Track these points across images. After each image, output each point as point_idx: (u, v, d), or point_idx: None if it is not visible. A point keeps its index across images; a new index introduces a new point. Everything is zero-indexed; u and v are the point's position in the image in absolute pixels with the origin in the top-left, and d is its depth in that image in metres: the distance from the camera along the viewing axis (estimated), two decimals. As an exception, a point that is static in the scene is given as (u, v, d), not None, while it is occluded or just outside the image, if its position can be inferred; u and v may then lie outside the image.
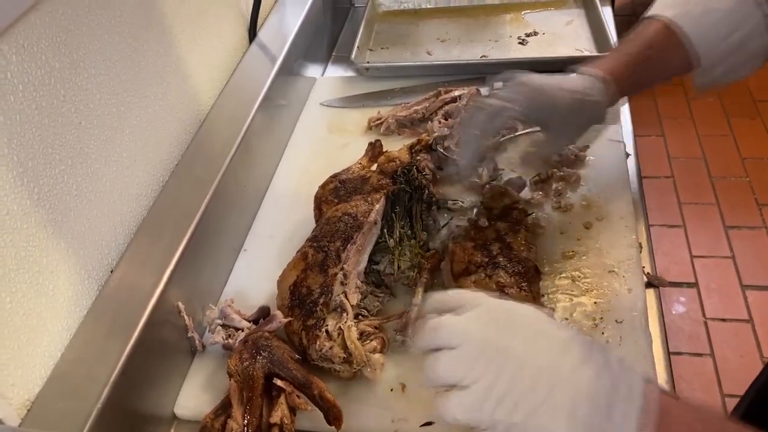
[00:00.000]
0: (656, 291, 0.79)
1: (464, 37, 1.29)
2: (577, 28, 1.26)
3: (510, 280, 0.73)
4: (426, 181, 0.89)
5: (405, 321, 0.75)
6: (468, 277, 0.75)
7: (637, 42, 0.81)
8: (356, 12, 1.48)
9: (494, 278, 0.73)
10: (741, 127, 2.61)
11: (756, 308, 1.97)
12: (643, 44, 0.80)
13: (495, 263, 0.75)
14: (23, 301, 0.61)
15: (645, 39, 0.81)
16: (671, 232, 2.24)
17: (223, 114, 0.97)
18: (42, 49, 0.63)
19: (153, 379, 0.71)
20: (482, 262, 0.75)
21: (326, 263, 0.74)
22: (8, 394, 0.59)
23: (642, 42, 0.81)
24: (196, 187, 0.84)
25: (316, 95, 1.20)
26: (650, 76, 0.83)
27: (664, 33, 0.79)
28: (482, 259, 0.76)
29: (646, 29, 0.81)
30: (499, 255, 0.76)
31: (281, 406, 0.64)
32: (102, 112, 0.73)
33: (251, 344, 0.68)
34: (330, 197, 0.86)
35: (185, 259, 0.76)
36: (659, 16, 0.80)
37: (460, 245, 0.79)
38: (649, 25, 0.81)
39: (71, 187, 0.68)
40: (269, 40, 1.13)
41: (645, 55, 0.80)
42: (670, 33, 0.79)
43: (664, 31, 0.79)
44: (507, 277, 0.73)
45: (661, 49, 0.80)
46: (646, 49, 0.80)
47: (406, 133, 1.07)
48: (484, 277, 0.74)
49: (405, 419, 0.68)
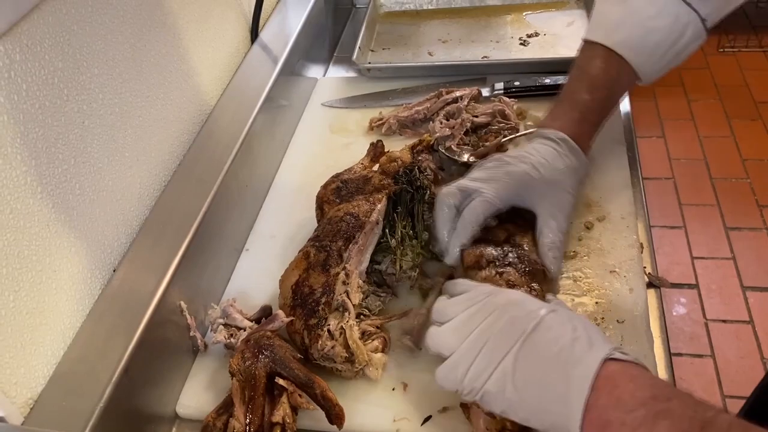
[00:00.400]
0: (657, 291, 0.79)
1: (465, 38, 1.29)
2: (579, 29, 1.26)
3: (520, 280, 0.72)
4: (428, 182, 0.89)
5: (414, 326, 0.75)
6: (479, 272, 0.74)
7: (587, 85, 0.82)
8: (358, 13, 1.48)
9: (504, 276, 0.72)
10: (742, 129, 2.61)
11: (757, 309, 1.97)
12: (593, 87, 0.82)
13: (506, 261, 0.75)
14: (26, 299, 0.61)
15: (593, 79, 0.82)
16: (672, 234, 2.24)
17: (225, 114, 0.97)
18: (45, 48, 0.63)
19: (155, 378, 0.71)
20: (493, 258, 0.75)
21: (328, 263, 0.75)
22: (11, 393, 0.59)
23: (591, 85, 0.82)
24: (198, 187, 0.84)
25: (317, 96, 1.20)
26: (605, 111, 0.84)
27: (610, 61, 0.80)
28: (494, 255, 0.75)
29: (592, 64, 0.82)
30: (510, 253, 0.75)
31: (283, 406, 0.65)
32: (105, 112, 0.73)
33: (253, 343, 0.68)
34: (332, 197, 0.86)
35: (187, 259, 0.76)
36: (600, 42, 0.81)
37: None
38: (593, 57, 0.82)
39: (74, 186, 0.68)
40: (271, 41, 1.13)
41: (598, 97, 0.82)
42: (617, 60, 0.80)
43: (610, 59, 0.80)
44: (517, 276, 0.73)
45: (611, 79, 0.81)
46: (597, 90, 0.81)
47: (408, 134, 1.07)
48: (495, 274, 0.73)
49: (407, 418, 0.68)
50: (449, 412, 0.68)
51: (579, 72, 0.84)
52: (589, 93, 0.82)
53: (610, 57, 0.80)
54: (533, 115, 1.05)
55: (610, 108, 0.85)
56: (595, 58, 0.82)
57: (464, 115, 1.00)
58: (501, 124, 1.02)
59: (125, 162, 0.77)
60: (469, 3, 1.39)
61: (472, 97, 1.05)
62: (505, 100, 1.04)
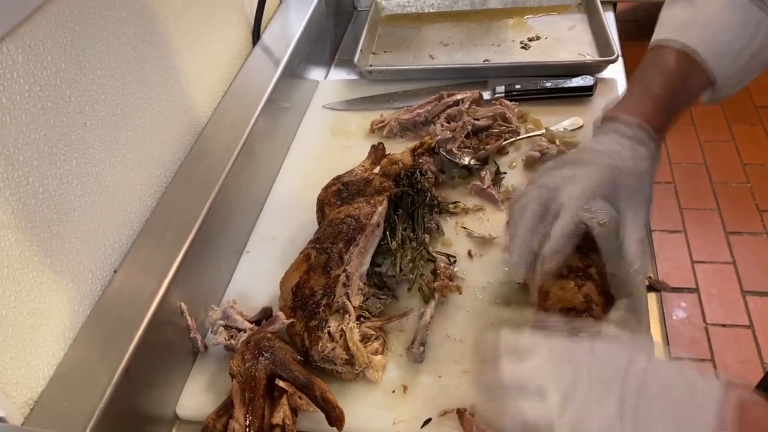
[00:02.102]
0: (658, 295, 0.79)
1: (467, 41, 1.30)
2: (580, 33, 1.26)
3: (598, 299, 0.66)
4: (428, 184, 0.89)
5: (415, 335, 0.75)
6: (557, 282, 0.68)
7: (659, 78, 0.76)
8: (359, 15, 1.49)
9: (583, 290, 0.67)
10: (742, 133, 2.61)
11: (757, 314, 1.97)
12: (666, 79, 0.75)
13: (588, 274, 0.69)
14: (27, 300, 0.61)
15: (665, 72, 0.76)
16: (672, 238, 2.24)
17: (227, 116, 0.97)
18: (48, 49, 0.64)
19: (155, 380, 0.71)
20: (576, 268, 0.69)
21: (329, 265, 0.75)
22: (12, 393, 0.60)
23: (664, 77, 0.75)
24: (199, 189, 0.84)
25: (319, 98, 1.20)
26: (677, 109, 0.78)
27: (681, 61, 0.75)
28: (578, 265, 0.69)
29: (662, 59, 0.76)
30: (593, 266, 0.70)
31: (283, 407, 0.65)
32: (107, 113, 0.73)
33: (253, 345, 0.68)
34: (333, 199, 0.86)
35: (188, 260, 0.76)
36: (670, 42, 0.76)
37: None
38: (663, 54, 0.76)
39: (75, 187, 0.68)
40: (273, 43, 1.13)
41: (671, 90, 0.75)
42: (688, 59, 0.75)
43: (681, 59, 0.75)
44: (596, 293, 0.67)
45: (684, 78, 0.75)
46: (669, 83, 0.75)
47: (409, 136, 1.07)
48: (573, 286, 0.67)
49: (406, 421, 0.68)
50: (449, 415, 0.68)
51: (649, 69, 0.78)
52: (662, 89, 0.75)
53: (681, 55, 0.75)
54: (534, 118, 1.05)
55: (682, 104, 0.78)
56: (664, 55, 0.76)
57: (465, 118, 1.00)
58: (502, 127, 1.02)
59: (127, 163, 0.77)
60: (471, 6, 1.39)
61: (473, 100, 1.05)
62: (506, 103, 1.04)
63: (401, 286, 0.81)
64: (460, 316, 0.78)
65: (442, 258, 0.83)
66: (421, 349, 0.73)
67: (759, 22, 0.74)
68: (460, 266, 0.83)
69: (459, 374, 0.72)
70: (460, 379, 0.71)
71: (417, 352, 0.73)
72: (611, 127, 0.74)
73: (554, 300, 0.67)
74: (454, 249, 0.86)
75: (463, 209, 0.91)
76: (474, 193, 0.94)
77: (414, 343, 0.74)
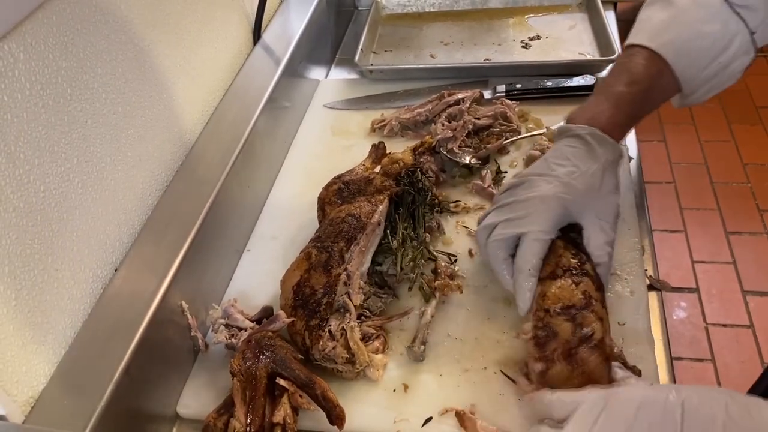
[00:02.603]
0: (658, 294, 0.79)
1: (467, 41, 1.30)
2: (580, 33, 1.26)
3: (596, 294, 0.67)
4: (429, 183, 0.89)
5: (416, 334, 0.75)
6: (554, 282, 0.68)
7: (627, 79, 0.77)
8: (360, 15, 1.49)
9: (581, 286, 0.67)
10: (742, 133, 2.62)
11: (757, 314, 1.97)
12: (633, 82, 0.76)
13: (583, 270, 0.69)
14: (28, 298, 0.61)
15: (633, 75, 0.77)
16: (672, 238, 2.24)
17: (228, 115, 0.97)
18: (49, 47, 0.64)
19: (156, 378, 0.71)
20: (570, 266, 0.69)
21: (330, 264, 0.75)
22: (12, 391, 0.59)
23: (632, 79, 0.77)
24: (200, 188, 0.84)
25: (319, 97, 1.20)
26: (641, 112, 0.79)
27: (651, 65, 0.76)
28: (571, 262, 0.70)
29: (633, 61, 0.77)
30: (587, 263, 0.70)
31: (284, 406, 0.65)
32: (108, 112, 0.73)
33: (254, 344, 0.68)
34: (333, 198, 0.86)
35: (189, 259, 0.76)
36: (643, 44, 0.77)
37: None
38: (634, 56, 0.77)
39: (76, 185, 0.68)
40: (274, 42, 1.13)
41: (638, 92, 0.76)
42: (658, 64, 0.76)
43: (651, 63, 0.76)
44: (594, 289, 0.67)
45: (651, 82, 0.76)
46: (636, 86, 0.76)
47: (410, 136, 1.07)
48: (571, 283, 0.68)
49: (407, 419, 0.68)
50: (450, 413, 0.68)
51: (617, 68, 0.79)
52: (626, 86, 0.77)
53: (652, 58, 0.76)
54: (535, 117, 1.05)
55: (647, 104, 0.79)
56: (635, 56, 0.77)
57: (466, 117, 1.00)
58: (503, 126, 1.02)
59: (128, 162, 0.77)
60: (472, 5, 1.39)
61: (474, 100, 1.05)
62: (507, 102, 1.04)
63: (402, 285, 0.81)
64: (461, 315, 0.78)
65: (443, 257, 0.84)
66: (422, 348, 0.73)
67: (734, 34, 0.75)
68: (461, 265, 0.83)
69: (460, 373, 0.72)
70: (460, 377, 0.71)
71: (418, 351, 0.73)
72: (563, 130, 0.78)
73: (553, 299, 0.67)
74: (454, 248, 0.86)
75: (463, 208, 0.91)
76: (475, 192, 0.94)
77: (415, 342, 0.74)
